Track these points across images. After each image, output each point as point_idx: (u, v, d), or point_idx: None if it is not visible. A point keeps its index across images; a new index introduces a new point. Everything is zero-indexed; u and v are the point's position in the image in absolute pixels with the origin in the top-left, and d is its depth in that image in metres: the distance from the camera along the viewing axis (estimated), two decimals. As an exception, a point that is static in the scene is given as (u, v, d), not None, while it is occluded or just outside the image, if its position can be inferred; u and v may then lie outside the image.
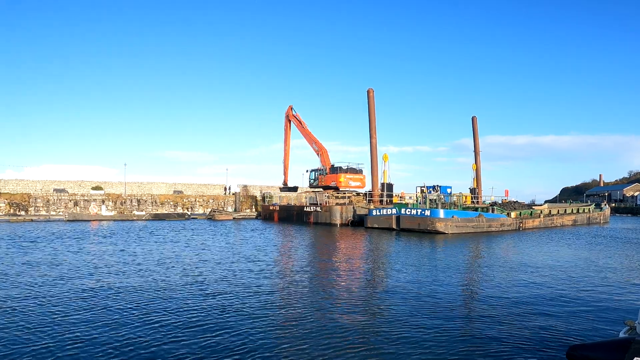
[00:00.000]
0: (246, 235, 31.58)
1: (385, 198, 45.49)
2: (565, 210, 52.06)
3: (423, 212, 34.45)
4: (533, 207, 49.71)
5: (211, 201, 65.25)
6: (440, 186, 45.49)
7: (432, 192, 42.40)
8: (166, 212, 57.40)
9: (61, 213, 54.15)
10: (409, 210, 36.22)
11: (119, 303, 10.90)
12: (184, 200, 64.01)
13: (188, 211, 60.91)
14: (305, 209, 47.42)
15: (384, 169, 46.69)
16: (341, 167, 48.38)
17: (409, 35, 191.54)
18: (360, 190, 49.59)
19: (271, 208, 54.35)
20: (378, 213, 38.61)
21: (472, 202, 50.14)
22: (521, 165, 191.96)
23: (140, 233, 31.85)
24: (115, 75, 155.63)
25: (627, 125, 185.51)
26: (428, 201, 37.67)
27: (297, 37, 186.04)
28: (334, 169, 48.33)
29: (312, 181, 52.11)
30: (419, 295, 12.19)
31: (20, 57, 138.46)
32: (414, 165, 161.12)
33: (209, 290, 12.55)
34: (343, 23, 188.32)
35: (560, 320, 9.83)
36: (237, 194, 61.77)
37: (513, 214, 40.33)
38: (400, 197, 51.11)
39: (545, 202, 76.29)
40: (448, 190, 45.56)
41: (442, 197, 40.95)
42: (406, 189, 57.67)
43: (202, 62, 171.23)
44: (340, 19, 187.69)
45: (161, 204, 61.65)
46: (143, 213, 53.65)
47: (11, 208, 55.02)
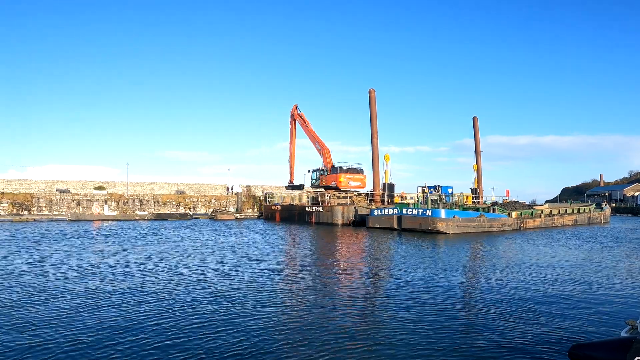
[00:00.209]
0: (248, 235, 31.75)
1: (386, 198, 45.61)
2: (566, 210, 52.17)
3: (424, 212, 34.60)
4: (534, 207, 49.78)
5: (213, 201, 65.45)
6: (441, 186, 45.56)
7: (434, 192, 42.54)
8: (168, 212, 57.63)
9: (64, 213, 54.36)
10: (411, 210, 36.36)
11: (122, 302, 11.02)
12: (186, 200, 64.21)
13: (190, 211, 61.13)
14: (307, 209, 47.61)
15: (386, 169, 46.81)
16: (341, 167, 48.53)
17: (410, 35, 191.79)
18: (360, 190, 49.74)
19: (273, 208, 54.54)
20: (379, 213, 38.77)
21: (473, 202, 50.27)
22: (522, 165, 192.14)
23: (143, 233, 32.05)
24: (117, 75, 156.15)
25: (628, 125, 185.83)
26: (429, 201, 37.79)
27: (298, 37, 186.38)
28: (334, 169, 48.51)
29: (314, 181, 52.34)
30: (421, 294, 12.27)
31: (22, 58, 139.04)
32: (415, 165, 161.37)
33: (212, 289, 12.67)
34: (344, 23, 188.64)
35: (561, 319, 9.90)
36: (239, 194, 61.96)
37: (514, 214, 40.44)
38: (401, 197, 51.25)
39: (546, 202, 76.35)
40: (449, 190, 45.69)
41: (443, 197, 41.11)
42: (407, 189, 57.87)
43: (204, 62, 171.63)
44: (341, 19, 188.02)
45: (163, 204, 61.87)
46: (145, 213, 53.84)
47: (14, 208, 55.26)
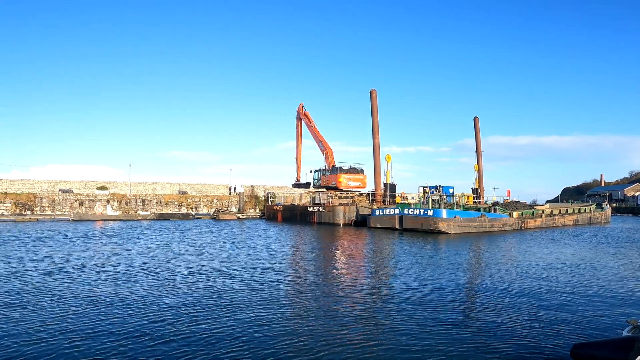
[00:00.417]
0: (250, 234, 31.93)
1: (388, 198, 45.81)
2: (566, 210, 52.32)
3: (426, 212, 34.76)
4: (535, 207, 49.90)
5: (215, 201, 65.67)
6: (442, 186, 45.79)
7: (435, 192, 42.73)
8: (171, 212, 57.86)
9: (67, 213, 54.59)
10: (412, 210, 36.52)
11: (125, 301, 11.10)
12: (189, 200, 64.43)
13: (192, 211, 61.34)
14: (308, 209, 47.81)
15: (387, 169, 47.06)
16: (341, 168, 48.77)
17: (411, 35, 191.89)
18: (360, 190, 49.94)
19: (275, 208, 54.76)
20: (381, 213, 38.96)
21: (475, 202, 50.42)
22: (522, 165, 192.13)
23: (145, 233, 32.26)
24: (119, 75, 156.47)
25: (628, 125, 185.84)
26: (431, 201, 37.92)
27: (299, 38, 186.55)
28: (334, 169, 48.77)
29: (316, 181, 52.59)
30: (423, 294, 12.34)
31: (25, 58, 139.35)
32: (417, 165, 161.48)
33: (214, 288, 12.73)
34: (345, 24, 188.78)
35: (563, 319, 9.95)
36: (241, 194, 62.17)
37: (515, 214, 40.56)
38: (402, 197, 51.45)
39: (546, 202, 76.48)
40: (450, 190, 45.91)
41: (445, 197, 41.28)
42: (409, 189, 58.06)
43: (206, 63, 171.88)
44: (342, 20, 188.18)
45: (166, 204, 62.09)
46: (148, 213, 54.07)
47: (17, 208, 55.51)
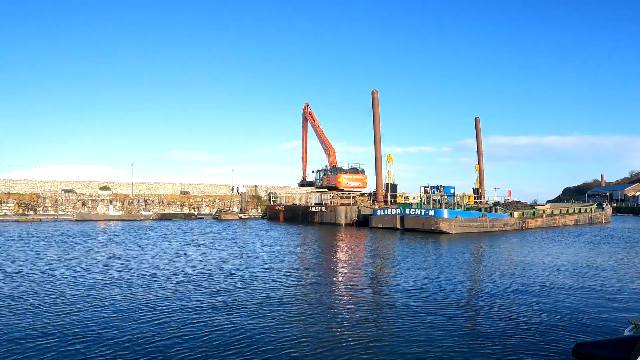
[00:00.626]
0: (252, 235, 32.12)
1: (389, 198, 46.02)
2: (567, 210, 52.49)
3: (427, 212, 34.94)
4: (535, 207, 50.06)
5: (217, 201, 65.94)
6: (443, 186, 46.01)
7: (436, 192, 42.92)
8: (173, 212, 58.14)
9: (69, 213, 54.88)
10: (413, 210, 36.68)
11: (127, 301, 11.19)
12: (191, 200, 64.71)
13: (195, 211, 61.60)
14: (310, 209, 48.01)
15: (388, 170, 47.27)
16: (341, 168, 48.98)
17: (412, 36, 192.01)
18: (360, 190, 50.12)
19: (277, 208, 54.97)
20: (382, 213, 39.12)
21: (475, 202, 50.67)
22: (523, 165, 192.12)
23: (148, 233, 32.49)
24: (121, 76, 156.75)
25: (629, 125, 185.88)
26: (432, 201, 38.07)
27: (300, 38, 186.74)
28: (334, 170, 49.02)
29: (318, 181, 52.82)
30: (425, 293, 12.38)
31: (27, 58, 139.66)
32: (418, 165, 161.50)
33: (216, 288, 12.83)
34: (346, 24, 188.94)
35: (565, 318, 9.99)
36: (243, 194, 62.43)
37: (516, 214, 40.69)
38: (404, 197, 51.67)
39: (547, 202, 76.57)
40: (451, 190, 46.13)
41: (446, 197, 41.47)
42: (410, 189, 58.32)
43: (207, 63, 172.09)
44: (343, 20, 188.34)
45: (168, 204, 62.38)
46: (150, 213, 54.34)
47: (20, 208, 55.81)
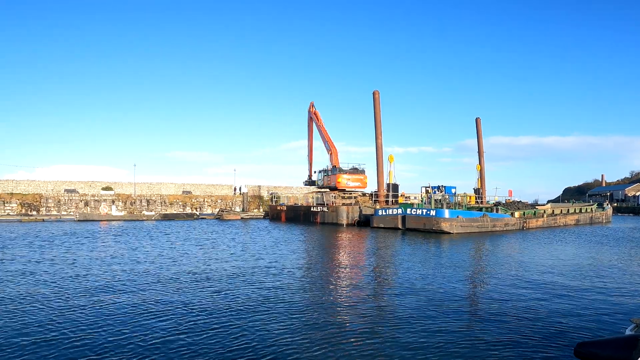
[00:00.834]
0: (254, 234, 32.33)
1: (390, 198, 46.22)
2: (568, 210, 52.66)
3: (428, 212, 35.08)
4: (536, 207, 50.24)
5: (219, 201, 66.19)
6: (444, 186, 46.19)
7: (437, 193, 43.08)
8: (175, 212, 58.39)
9: (72, 213, 55.16)
10: (415, 210, 36.83)
11: (130, 300, 11.28)
12: (193, 200, 64.96)
13: (197, 211, 61.86)
14: (312, 209, 48.19)
15: (390, 170, 47.44)
16: (341, 168, 49.21)
17: (413, 36, 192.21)
18: (360, 190, 50.29)
19: (278, 208, 55.18)
20: (384, 213, 39.27)
21: (477, 202, 50.88)
22: (524, 165, 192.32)
23: (151, 232, 32.71)
24: (123, 76, 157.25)
25: (629, 126, 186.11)
26: (433, 201, 38.17)
27: (301, 39, 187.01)
28: (334, 170, 49.28)
29: (319, 181, 53.10)
30: (427, 293, 12.39)
31: (29, 59, 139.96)
32: (419, 165, 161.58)
33: (218, 287, 12.96)
34: (347, 24, 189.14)
35: (567, 317, 10.00)
36: (245, 194, 62.69)
37: (517, 214, 40.81)
38: (405, 197, 51.89)
39: (548, 202, 76.74)
40: (452, 190, 46.31)
41: (447, 197, 41.64)
42: (411, 189, 58.52)
43: (209, 63, 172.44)
44: (344, 20, 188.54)
45: (170, 204, 62.64)
46: (152, 213, 54.59)
47: (23, 208, 56.10)
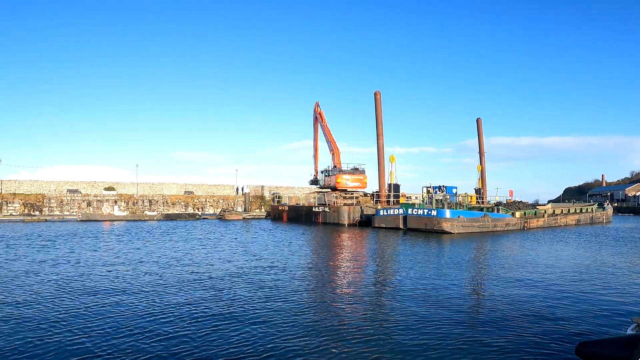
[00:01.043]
0: (256, 234, 32.50)
1: (392, 199, 46.40)
2: (568, 210, 52.81)
3: (430, 212, 35.24)
4: (537, 207, 50.41)
5: (221, 201, 66.41)
6: (445, 186, 46.37)
7: (438, 193, 43.22)
8: (177, 213, 58.63)
9: (74, 213, 55.41)
10: (416, 210, 36.97)
11: (132, 299, 11.38)
12: (195, 200, 65.19)
13: (199, 211, 62.11)
14: (313, 209, 48.43)
15: (391, 170, 47.60)
16: (341, 169, 49.47)
17: (414, 37, 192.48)
18: (360, 190, 50.53)
19: (280, 208, 55.41)
20: (385, 213, 39.44)
21: (478, 202, 51.09)
22: (524, 165, 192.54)
23: (153, 232, 32.92)
24: (126, 76, 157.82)
25: (629, 126, 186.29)
26: (434, 201, 38.30)
27: (303, 39, 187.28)
28: (334, 170, 49.59)
29: (321, 181, 53.39)
30: (428, 293, 12.42)
31: (32, 60, 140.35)
32: (420, 165, 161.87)
33: (220, 286, 13.10)
34: (349, 25, 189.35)
35: (568, 317, 10.03)
36: (247, 195, 62.94)
37: (518, 214, 40.98)
38: (407, 198, 52.07)
39: (548, 202, 76.88)
40: (453, 190, 46.52)
41: (448, 198, 41.77)
42: (412, 190, 58.64)
43: (211, 64, 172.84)
44: (345, 21, 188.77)
45: (172, 204, 62.88)
46: (155, 213, 54.85)
47: (26, 208, 56.36)
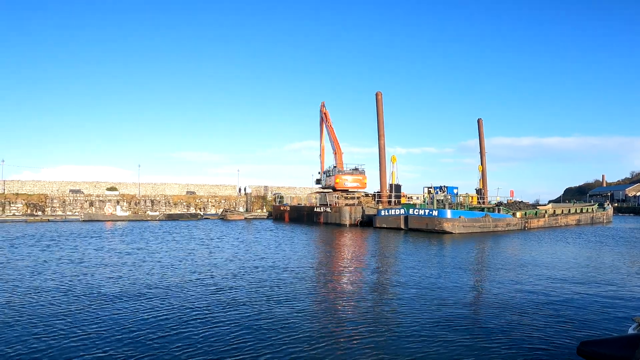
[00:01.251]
0: (258, 235, 32.65)
1: (393, 199, 46.57)
2: (569, 210, 52.93)
3: (431, 213, 35.39)
4: (538, 207, 50.53)
5: (223, 201, 66.63)
6: (446, 187, 46.55)
7: (439, 193, 43.38)
8: (179, 213, 58.87)
9: (77, 213, 55.57)
10: (417, 210, 37.16)
11: (133, 301, 11.32)
12: (197, 200, 65.41)
13: (201, 211, 62.31)
14: (315, 210, 48.63)
15: (392, 170, 47.80)
16: (340, 169, 49.72)
17: (415, 37, 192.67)
18: (359, 190, 50.71)
19: (282, 208, 55.61)
20: (386, 213, 39.58)
21: (479, 203, 51.24)
22: (525, 166, 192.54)
23: (155, 232, 33.10)
24: (128, 77, 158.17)
25: (630, 126, 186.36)
26: (435, 201, 38.45)
27: (304, 40, 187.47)
28: (334, 170, 49.85)
29: (322, 182, 53.64)
30: (429, 293, 12.41)
31: (35, 60, 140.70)
32: (421, 166, 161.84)
33: (222, 285, 13.17)
34: (349, 26, 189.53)
35: (569, 316, 10.04)
36: (249, 195, 63.15)
37: (518, 214, 41.11)
38: (408, 198, 52.27)
39: (549, 202, 76.95)
40: (455, 190, 46.70)
41: (449, 198, 41.92)
42: (413, 190, 58.82)
43: (213, 64, 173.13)
44: (346, 22, 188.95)
45: (174, 205, 63.10)
46: (157, 213, 55.05)
47: (28, 208, 56.58)
